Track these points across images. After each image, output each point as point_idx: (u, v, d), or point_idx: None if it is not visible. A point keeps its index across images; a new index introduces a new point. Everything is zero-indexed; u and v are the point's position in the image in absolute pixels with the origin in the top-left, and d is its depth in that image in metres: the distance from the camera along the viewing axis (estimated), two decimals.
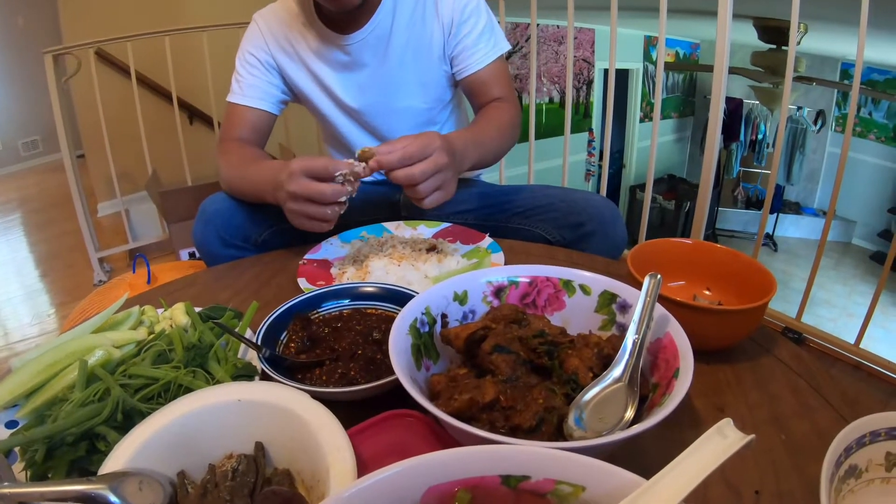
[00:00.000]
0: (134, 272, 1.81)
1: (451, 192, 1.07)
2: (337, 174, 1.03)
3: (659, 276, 0.66)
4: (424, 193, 1.03)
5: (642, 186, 7.20)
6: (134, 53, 3.28)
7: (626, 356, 0.62)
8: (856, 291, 5.91)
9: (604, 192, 2.67)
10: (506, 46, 1.45)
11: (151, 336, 0.88)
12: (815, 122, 7.00)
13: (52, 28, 4.39)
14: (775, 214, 7.07)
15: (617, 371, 0.62)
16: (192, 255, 3.05)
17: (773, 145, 7.09)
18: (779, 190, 6.90)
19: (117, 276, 2.31)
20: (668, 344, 0.64)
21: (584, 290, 0.76)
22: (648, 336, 0.64)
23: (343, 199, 1.04)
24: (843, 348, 2.16)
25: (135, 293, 1.71)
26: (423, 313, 0.70)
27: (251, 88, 1.43)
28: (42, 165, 7.82)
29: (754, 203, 7.54)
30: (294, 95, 1.50)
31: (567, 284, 0.77)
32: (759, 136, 7.26)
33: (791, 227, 7.39)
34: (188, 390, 0.73)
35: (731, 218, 7.57)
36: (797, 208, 7.54)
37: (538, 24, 2.67)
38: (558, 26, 5.62)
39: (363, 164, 1.03)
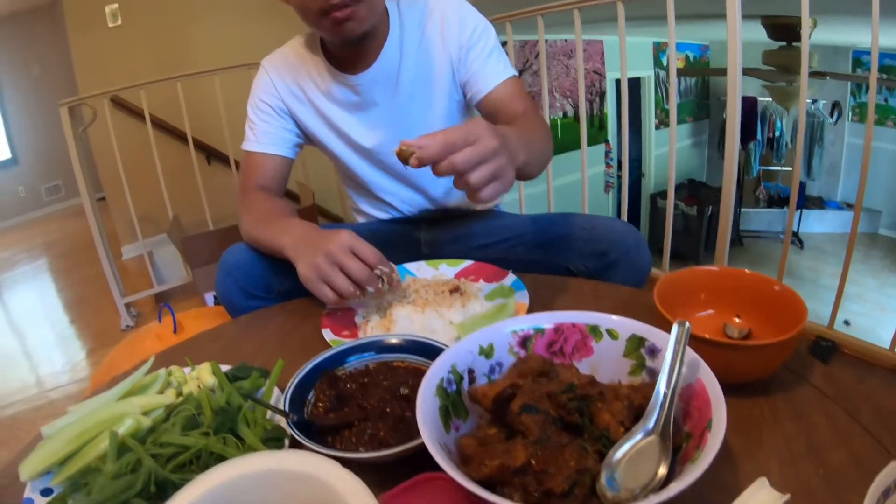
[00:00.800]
0: (160, 321, 1.83)
1: (508, 181, 0.90)
2: (377, 268, 1.05)
3: (687, 324, 0.65)
4: (477, 184, 0.86)
5: (662, 194, 7.17)
6: (148, 98, 3.33)
7: (658, 409, 0.61)
8: (887, 283, 5.83)
9: (625, 201, 2.65)
10: (515, 71, 1.43)
11: (180, 399, 0.88)
12: (832, 114, 6.94)
13: (68, 75, 4.48)
14: (799, 211, 7.00)
15: (648, 424, 0.60)
16: (216, 299, 3.06)
17: (792, 142, 7.03)
18: (800, 186, 6.84)
19: (144, 325, 2.34)
20: (699, 390, 0.62)
21: (612, 334, 0.74)
22: (679, 384, 0.63)
23: (369, 290, 1.05)
24: (879, 357, 2.11)
25: (162, 344, 1.73)
26: (449, 372, 0.69)
27: (265, 135, 1.44)
28: (65, 210, 7.97)
29: (776, 201, 7.47)
30: (307, 138, 1.51)
31: (594, 330, 0.75)
32: (777, 134, 7.20)
33: (816, 223, 7.31)
34: (219, 457, 0.73)
35: (754, 218, 7.50)
36: (820, 203, 7.46)
37: (546, 40, 2.66)
38: (566, 40, 5.61)
39: (399, 280, 1.09)
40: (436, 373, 0.67)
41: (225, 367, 0.94)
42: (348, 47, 1.32)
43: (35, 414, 2.80)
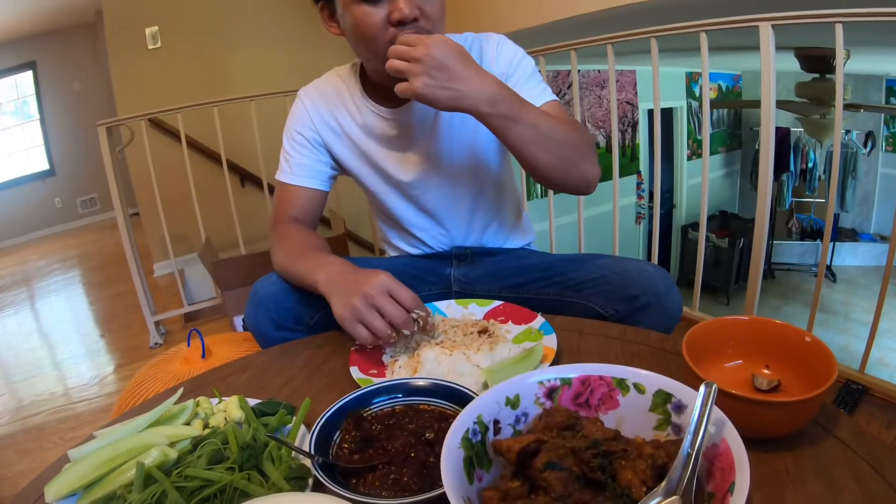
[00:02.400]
0: (189, 345, 1.85)
1: (416, 84, 1.10)
2: (414, 312, 1.07)
3: (715, 386, 0.65)
4: (388, 66, 1.12)
5: (694, 226, 7.11)
6: (185, 120, 3.39)
7: (681, 469, 0.60)
8: None
9: (656, 236, 2.63)
10: (555, 96, 1.40)
11: (207, 431, 0.90)
12: (865, 145, 6.85)
13: (107, 91, 4.58)
14: (832, 243, 6.89)
15: (671, 485, 0.60)
16: (244, 323, 3.09)
17: (825, 173, 6.95)
18: (833, 218, 6.75)
19: (172, 343, 2.37)
20: (724, 451, 0.62)
21: (639, 388, 0.74)
22: (704, 445, 0.62)
23: (405, 333, 1.07)
24: None
25: (190, 367, 1.76)
26: (475, 422, 0.69)
27: (300, 168, 1.45)
28: (100, 223, 8.10)
29: (809, 234, 7.37)
30: (342, 170, 1.52)
31: (621, 383, 0.75)
32: (810, 165, 7.12)
33: (849, 256, 7.19)
34: (244, 493, 0.74)
35: (786, 251, 7.40)
36: (853, 235, 7.34)
37: (579, 70, 2.67)
38: (599, 71, 5.60)
39: (434, 324, 1.11)
40: (461, 424, 0.68)
41: (252, 401, 0.95)
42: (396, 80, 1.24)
43: (60, 425, 2.83)
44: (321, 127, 1.45)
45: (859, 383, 2.08)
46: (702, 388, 0.65)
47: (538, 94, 1.36)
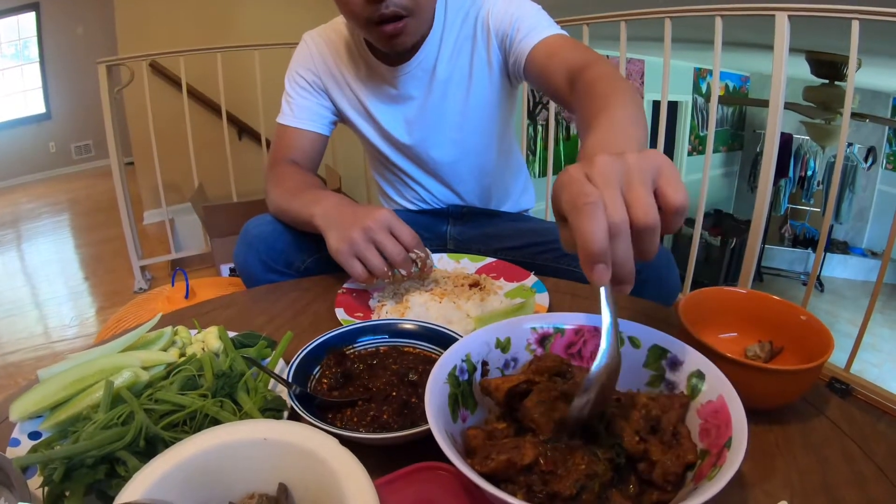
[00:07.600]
0: (173, 285, 1.82)
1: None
2: (413, 251, 1.03)
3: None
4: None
5: (688, 221, 7.11)
6: (186, 67, 3.34)
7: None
8: None
9: None
10: (564, 32, 1.28)
11: (182, 359, 0.86)
12: (866, 160, 6.87)
13: (110, 37, 4.51)
14: (823, 254, 6.91)
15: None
16: (232, 271, 3.07)
17: (823, 182, 6.96)
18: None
19: (157, 287, 2.34)
20: (720, 408, 0.60)
21: (634, 342, 0.71)
22: (700, 401, 0.60)
23: (402, 273, 1.03)
24: (892, 401, 2.07)
25: (172, 307, 1.72)
26: (462, 360, 0.66)
27: (301, 110, 1.42)
28: (93, 170, 8.03)
29: (801, 241, 7.39)
30: (341, 118, 1.49)
31: None
32: (809, 173, 7.14)
33: (838, 268, 7.22)
34: (214, 420, 0.71)
35: (777, 256, 7.42)
36: (845, 248, 7.38)
37: None
38: (608, 56, 5.56)
39: (432, 266, 1.07)
40: (449, 359, 0.65)
41: (232, 334, 0.92)
42: (382, 50, 1.29)
43: (38, 363, 2.81)
44: (323, 72, 1.42)
45: (843, 382, 2.07)
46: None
47: (546, 27, 1.26)
